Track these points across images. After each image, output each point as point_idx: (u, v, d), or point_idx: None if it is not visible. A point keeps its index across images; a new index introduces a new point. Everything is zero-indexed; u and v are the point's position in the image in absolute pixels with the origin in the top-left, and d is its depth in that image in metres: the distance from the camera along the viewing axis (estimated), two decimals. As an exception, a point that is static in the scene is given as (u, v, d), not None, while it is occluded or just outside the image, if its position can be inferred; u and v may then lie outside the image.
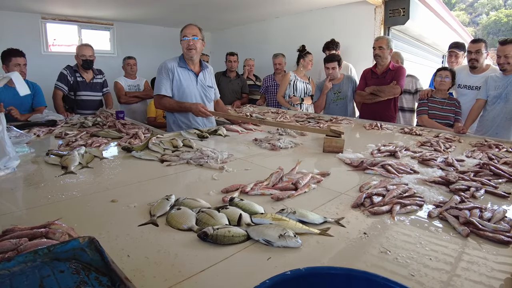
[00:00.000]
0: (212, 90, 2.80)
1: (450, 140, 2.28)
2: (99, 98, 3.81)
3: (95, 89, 3.71)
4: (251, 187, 1.24)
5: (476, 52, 2.98)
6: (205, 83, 2.69)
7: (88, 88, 3.65)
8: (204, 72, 2.71)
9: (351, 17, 4.79)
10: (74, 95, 3.57)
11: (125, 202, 1.13)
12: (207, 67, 2.78)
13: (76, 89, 3.57)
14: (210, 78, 2.78)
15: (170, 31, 6.83)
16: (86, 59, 3.51)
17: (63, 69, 3.55)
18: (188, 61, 2.63)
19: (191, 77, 2.64)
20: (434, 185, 1.35)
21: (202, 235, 0.86)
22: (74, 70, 3.58)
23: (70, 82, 3.53)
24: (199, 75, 2.67)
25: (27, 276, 0.62)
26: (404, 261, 0.81)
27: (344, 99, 3.56)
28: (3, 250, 0.78)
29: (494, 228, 0.96)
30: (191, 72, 2.64)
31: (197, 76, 2.66)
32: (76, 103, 3.60)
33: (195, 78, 2.65)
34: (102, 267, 0.65)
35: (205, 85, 2.69)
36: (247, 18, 6.01)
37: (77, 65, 3.59)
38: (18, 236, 0.83)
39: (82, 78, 3.60)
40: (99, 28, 6.07)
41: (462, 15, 31.76)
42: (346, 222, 1.01)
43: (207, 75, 2.74)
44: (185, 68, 2.62)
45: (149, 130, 2.44)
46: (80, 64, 3.55)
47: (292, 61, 4.31)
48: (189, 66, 2.63)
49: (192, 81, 2.63)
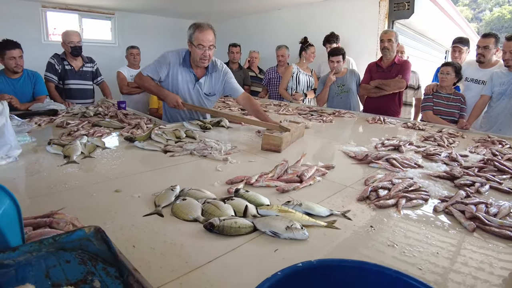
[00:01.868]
0: (213, 98, 2.52)
1: (453, 135, 2.27)
2: (90, 87, 3.69)
3: (85, 78, 3.60)
4: (256, 178, 1.23)
5: (483, 48, 2.96)
6: (202, 90, 2.43)
7: (77, 76, 3.54)
8: (207, 77, 2.43)
9: (355, 10, 4.74)
10: (62, 84, 3.48)
11: (129, 192, 1.12)
12: (216, 71, 2.44)
13: (64, 77, 3.47)
14: (213, 84, 2.47)
15: (172, 21, 6.78)
16: (75, 45, 3.40)
17: (50, 58, 3.44)
18: (193, 63, 2.37)
19: (190, 79, 2.39)
20: (438, 180, 1.35)
21: (209, 226, 0.85)
22: (61, 58, 3.47)
23: (58, 70, 3.43)
24: (200, 80, 2.40)
25: (32, 266, 0.62)
26: (411, 255, 0.80)
27: (348, 92, 3.53)
28: None
29: (500, 223, 0.95)
30: (193, 74, 2.39)
31: (197, 80, 2.40)
32: (65, 92, 3.50)
33: (194, 82, 2.40)
34: (109, 257, 0.65)
35: (201, 92, 2.43)
36: (249, 9, 5.96)
37: (65, 52, 3.49)
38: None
39: (70, 66, 3.49)
40: (100, 18, 6.00)
41: (466, 11, 31.51)
42: (352, 215, 1.00)
43: (209, 81, 2.45)
44: (187, 69, 2.37)
45: (151, 120, 2.43)
46: (69, 51, 3.44)
47: (295, 54, 4.27)
48: (192, 68, 2.38)
49: (189, 84, 2.39)
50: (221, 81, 2.47)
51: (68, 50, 3.45)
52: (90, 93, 3.71)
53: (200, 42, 2.18)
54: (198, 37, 2.18)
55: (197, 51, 2.22)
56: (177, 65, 2.34)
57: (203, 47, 2.20)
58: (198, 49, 2.20)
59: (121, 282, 0.59)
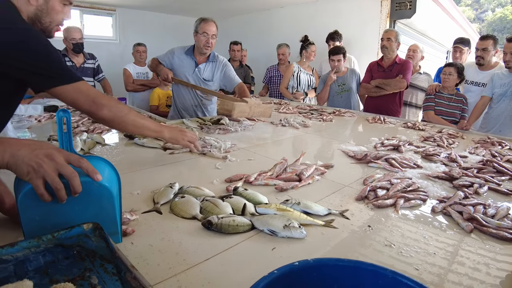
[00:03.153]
0: (210, 84, 2.69)
1: (453, 136, 2.27)
2: (91, 84, 3.69)
3: (86, 74, 3.58)
4: (255, 177, 1.23)
5: (482, 50, 2.95)
6: (201, 75, 2.64)
7: (78, 73, 3.48)
8: (208, 64, 2.66)
9: (357, 9, 4.73)
10: None
11: (128, 189, 1.12)
12: (216, 61, 2.70)
13: None
14: (213, 72, 2.69)
15: (173, 18, 6.77)
16: (77, 42, 3.40)
17: None
18: (196, 51, 2.62)
19: (190, 65, 2.63)
20: (437, 180, 1.35)
21: (207, 224, 0.85)
22: (63, 55, 3.46)
23: None
24: (200, 66, 2.63)
25: (31, 262, 0.62)
26: (408, 255, 0.81)
27: (348, 92, 3.53)
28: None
29: (498, 224, 0.96)
30: (193, 60, 2.63)
31: (197, 66, 2.63)
32: None
33: (194, 67, 2.63)
34: (107, 254, 0.65)
35: (200, 76, 2.64)
36: (251, 7, 5.94)
37: (66, 49, 3.48)
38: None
39: (72, 63, 3.49)
40: (101, 14, 5.99)
41: (468, 11, 31.41)
42: (350, 215, 1.00)
43: (209, 68, 2.67)
44: (189, 56, 2.62)
45: (152, 117, 2.43)
46: (71, 48, 3.43)
47: (296, 52, 4.27)
48: (194, 55, 2.63)
49: (188, 69, 2.62)
50: (221, 70, 2.71)
51: (69, 47, 3.44)
52: None
53: (204, 30, 2.48)
54: (203, 26, 2.49)
55: (201, 38, 2.50)
56: (181, 53, 2.63)
57: (207, 35, 2.49)
58: (202, 36, 2.49)
59: (119, 278, 0.59)
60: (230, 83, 2.71)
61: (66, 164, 0.67)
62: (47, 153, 0.67)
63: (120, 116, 1.18)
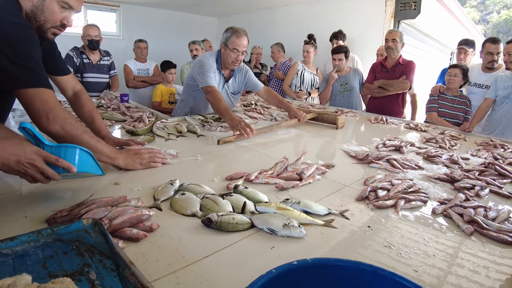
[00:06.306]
0: (237, 96, 2.65)
1: (455, 137, 2.26)
2: (106, 81, 3.77)
3: (102, 71, 3.67)
4: (255, 175, 1.23)
5: (497, 54, 2.93)
6: (229, 90, 2.53)
7: (95, 70, 3.61)
8: (233, 77, 2.52)
9: (361, 9, 4.71)
10: (80, 77, 3.54)
11: (129, 185, 1.12)
12: (239, 71, 2.55)
13: (82, 71, 3.54)
14: (238, 83, 2.57)
15: (177, 15, 6.75)
16: (92, 39, 3.46)
17: (70, 51, 3.51)
18: (223, 65, 2.42)
19: (220, 81, 2.45)
20: (438, 182, 1.34)
21: (206, 221, 0.85)
22: (80, 52, 3.54)
23: (76, 63, 3.49)
24: (229, 81, 2.49)
25: (30, 256, 0.62)
26: (407, 256, 0.80)
27: (351, 91, 3.52)
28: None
29: (498, 228, 0.95)
30: (222, 76, 2.46)
31: (226, 82, 2.48)
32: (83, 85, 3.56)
33: (223, 83, 2.47)
34: (106, 250, 0.65)
35: (229, 91, 2.53)
36: (255, 4, 5.92)
37: (84, 46, 3.56)
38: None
39: (88, 60, 3.57)
40: (105, 10, 5.99)
41: (473, 12, 31.21)
42: (350, 215, 1.00)
43: (235, 80, 2.55)
44: (219, 71, 2.42)
45: (154, 114, 2.43)
46: (86, 44, 3.51)
47: (300, 51, 4.25)
48: (223, 71, 2.44)
49: (219, 85, 2.42)
50: (243, 79, 2.59)
51: (85, 43, 3.51)
52: (105, 86, 3.76)
53: (235, 47, 2.27)
54: (235, 41, 2.27)
55: (231, 54, 2.30)
56: (214, 70, 2.38)
57: (237, 52, 2.29)
58: (232, 52, 2.29)
59: (117, 274, 0.59)
60: (254, 88, 2.62)
61: (46, 167, 0.88)
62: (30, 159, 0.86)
63: (72, 136, 1.11)
